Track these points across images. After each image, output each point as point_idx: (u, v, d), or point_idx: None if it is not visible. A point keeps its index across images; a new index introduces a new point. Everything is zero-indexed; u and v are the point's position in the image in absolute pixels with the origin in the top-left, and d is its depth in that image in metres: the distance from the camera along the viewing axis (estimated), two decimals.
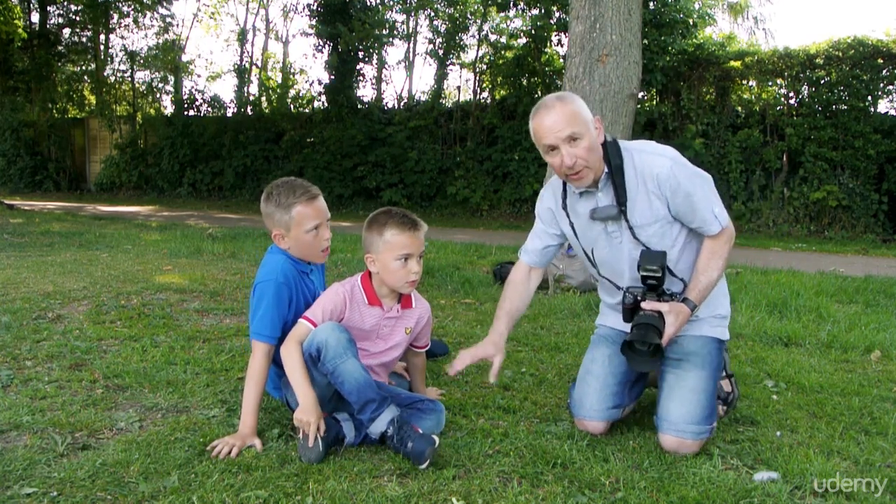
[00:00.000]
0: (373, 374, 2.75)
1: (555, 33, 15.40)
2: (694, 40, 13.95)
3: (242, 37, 21.92)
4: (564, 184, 2.68)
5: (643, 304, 2.47)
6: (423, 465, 2.32)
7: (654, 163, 2.55)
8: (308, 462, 2.36)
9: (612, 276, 2.75)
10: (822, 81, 12.62)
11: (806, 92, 12.98)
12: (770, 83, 13.37)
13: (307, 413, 2.42)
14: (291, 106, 19.74)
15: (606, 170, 2.57)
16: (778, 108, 13.14)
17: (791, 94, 13.26)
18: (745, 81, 13.66)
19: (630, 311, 2.53)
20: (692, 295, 2.54)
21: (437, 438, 2.41)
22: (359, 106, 17.93)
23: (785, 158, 12.88)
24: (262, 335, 2.64)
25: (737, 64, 13.27)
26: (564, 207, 2.71)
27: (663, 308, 2.45)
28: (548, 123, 2.50)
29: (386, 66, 18.80)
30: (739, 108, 13.59)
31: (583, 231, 2.71)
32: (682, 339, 2.67)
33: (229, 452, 2.40)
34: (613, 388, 2.70)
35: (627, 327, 2.55)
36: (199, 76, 24.17)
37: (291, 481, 2.22)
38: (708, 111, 13.56)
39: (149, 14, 22.59)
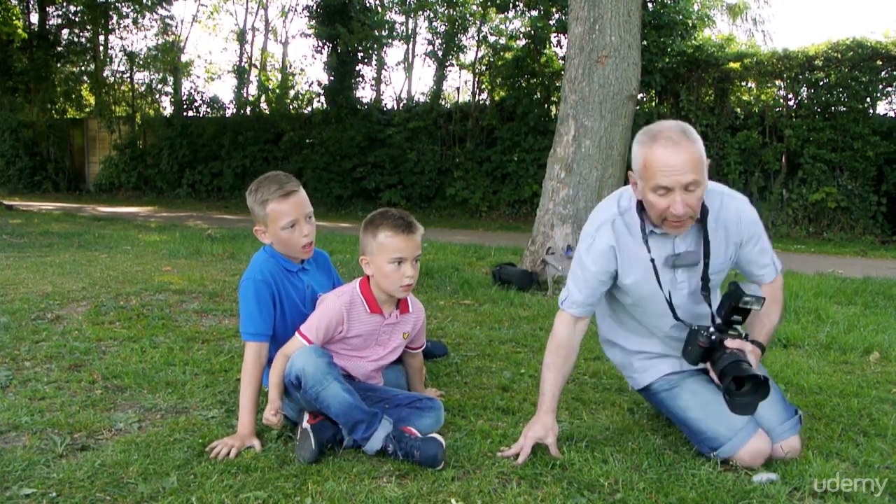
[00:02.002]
0: (367, 378, 2.75)
1: (554, 34, 15.41)
2: (693, 42, 13.97)
3: (242, 37, 21.93)
4: (643, 221, 2.42)
5: (728, 343, 2.33)
6: (440, 467, 2.33)
7: (736, 207, 2.46)
8: (302, 462, 2.36)
9: (648, 318, 2.59)
10: (821, 83, 12.63)
11: (805, 93, 13.00)
12: (769, 85, 13.39)
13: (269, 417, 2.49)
14: (291, 107, 19.73)
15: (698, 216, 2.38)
16: (777, 110, 13.15)
17: (790, 96, 13.27)
18: (744, 83, 13.67)
19: (706, 350, 2.38)
20: (762, 338, 2.49)
21: (440, 437, 2.41)
22: (358, 107, 17.93)
23: (784, 160, 12.89)
24: (246, 333, 2.65)
25: (736, 65, 13.28)
26: (646, 242, 2.42)
27: (747, 348, 2.35)
28: (671, 162, 2.19)
29: (385, 67, 18.82)
30: (738, 110, 13.60)
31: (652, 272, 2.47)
32: None
33: (228, 453, 2.40)
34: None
35: (681, 366, 2.56)
36: (198, 77, 24.16)
37: (290, 482, 2.22)
38: (707, 112, 13.58)
39: (148, 15, 22.59)
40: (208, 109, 20.98)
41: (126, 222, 11.95)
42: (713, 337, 2.38)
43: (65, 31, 23.03)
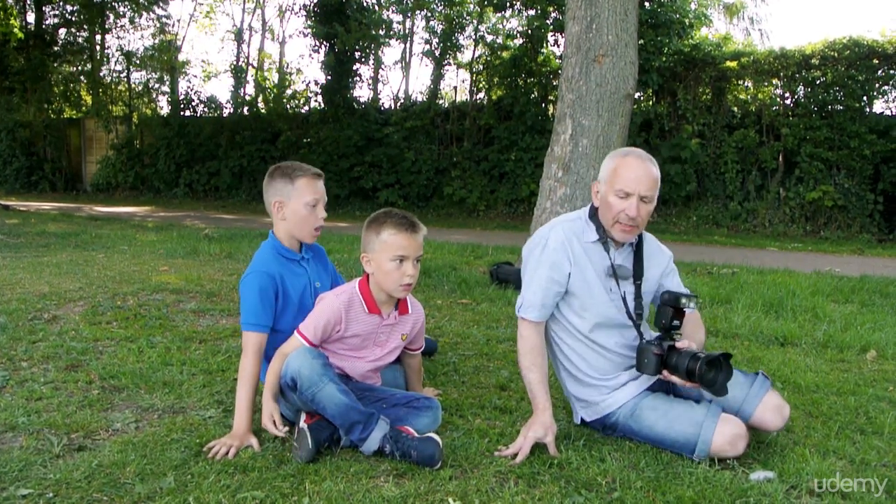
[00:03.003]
0: (364, 378, 2.75)
1: (551, 33, 15.43)
2: (690, 41, 13.99)
3: (239, 36, 21.90)
4: (599, 227, 2.68)
5: (678, 345, 2.55)
6: (438, 466, 2.34)
7: (657, 244, 2.85)
8: (299, 461, 2.36)
9: (603, 322, 2.68)
10: (818, 82, 12.66)
11: (802, 92, 13.03)
12: (766, 83, 13.41)
13: (264, 420, 2.52)
14: (288, 106, 19.72)
15: (635, 239, 2.72)
16: (774, 109, 13.17)
17: (787, 95, 13.30)
18: (741, 82, 13.69)
19: (659, 357, 2.55)
20: (699, 347, 2.69)
21: (437, 437, 2.41)
22: (355, 106, 17.93)
23: (781, 158, 12.91)
24: (248, 324, 2.68)
25: (733, 64, 13.30)
26: (606, 249, 2.67)
27: (693, 345, 2.58)
28: (638, 173, 2.57)
29: (382, 66, 18.83)
30: (735, 109, 13.63)
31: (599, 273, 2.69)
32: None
33: (226, 453, 2.40)
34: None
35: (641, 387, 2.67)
36: (195, 76, 24.14)
37: (288, 482, 2.22)
38: (704, 111, 13.60)
39: (145, 14, 22.57)
40: (205, 109, 20.97)
41: (123, 222, 11.93)
42: (663, 344, 2.56)
43: (61, 31, 23.01)
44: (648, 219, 2.64)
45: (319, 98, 18.78)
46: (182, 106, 21.02)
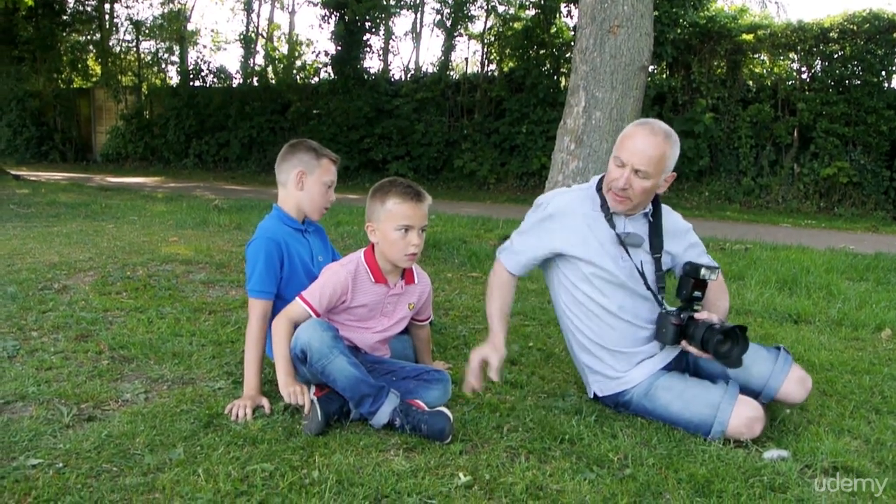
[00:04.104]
0: (373, 350, 2.73)
1: (564, 4, 15.20)
2: (706, 13, 13.76)
3: (248, 6, 21.71)
4: (604, 199, 2.65)
5: (697, 316, 2.51)
6: (448, 441, 2.32)
7: (675, 218, 2.78)
8: (309, 433, 2.35)
9: (612, 281, 2.62)
10: (836, 56, 12.45)
11: (819, 66, 12.82)
12: (782, 57, 13.21)
13: (289, 386, 2.46)
14: (297, 77, 19.60)
15: (649, 209, 2.67)
16: (790, 83, 12.98)
17: (804, 69, 13.10)
18: (756, 55, 13.49)
19: (678, 328, 2.53)
20: (719, 317, 2.61)
21: (447, 411, 2.40)
22: (365, 77, 17.80)
23: (796, 134, 12.75)
24: (253, 291, 2.71)
25: (749, 37, 13.09)
26: (609, 219, 2.62)
27: (713, 318, 2.53)
28: (639, 145, 2.50)
29: (393, 36, 18.67)
30: (751, 83, 13.44)
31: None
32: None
33: (245, 415, 2.45)
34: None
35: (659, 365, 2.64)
36: (204, 46, 23.99)
37: (297, 454, 2.21)
38: (719, 85, 13.41)
39: None
40: (215, 79, 20.88)
41: (133, 192, 11.93)
42: (682, 315, 2.54)
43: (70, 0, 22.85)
44: (650, 195, 2.58)
45: (329, 69, 18.65)
46: (191, 76, 20.93)
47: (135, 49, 22.80)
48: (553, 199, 2.73)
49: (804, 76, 13.07)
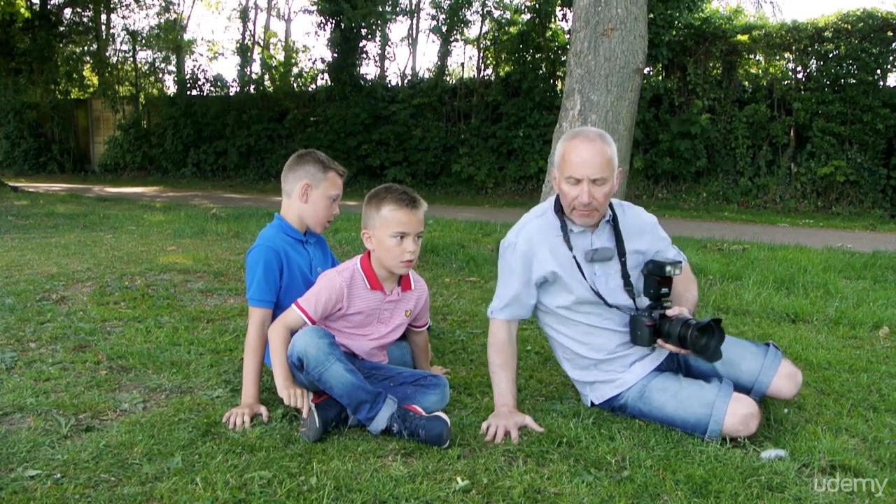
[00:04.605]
0: (370, 357, 2.74)
1: (559, 8, 15.22)
2: (700, 14, 13.78)
3: (244, 14, 21.73)
4: (563, 222, 2.62)
5: (669, 313, 2.52)
6: (446, 446, 2.32)
7: (636, 212, 2.77)
8: (307, 441, 2.35)
9: (621, 303, 2.64)
10: (831, 55, 12.47)
11: (814, 66, 12.84)
12: (777, 57, 13.23)
13: (286, 388, 2.46)
14: (294, 84, 19.61)
15: (609, 215, 2.64)
16: (785, 83, 12.99)
17: (799, 68, 13.12)
18: (752, 56, 13.50)
19: (651, 328, 2.54)
20: (689, 308, 2.66)
21: (445, 416, 2.40)
22: (362, 84, 17.81)
23: (792, 133, 12.76)
24: (252, 299, 2.72)
25: (744, 38, 13.11)
26: (567, 241, 2.60)
27: (685, 311, 2.55)
28: (584, 156, 2.47)
29: (389, 42, 18.65)
30: (746, 83, 13.45)
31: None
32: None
33: (243, 423, 2.45)
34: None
35: (645, 371, 2.64)
36: (201, 55, 24.02)
37: (295, 461, 2.21)
38: (714, 86, 13.43)
39: None
40: (212, 88, 20.89)
41: (131, 202, 11.94)
42: (654, 314, 2.54)
43: (67, 11, 22.85)
44: (610, 198, 2.57)
45: (326, 76, 18.66)
46: (188, 85, 20.94)
47: (132, 59, 22.82)
48: (518, 237, 2.67)
49: (799, 76, 13.08)
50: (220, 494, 1.99)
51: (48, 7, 22.32)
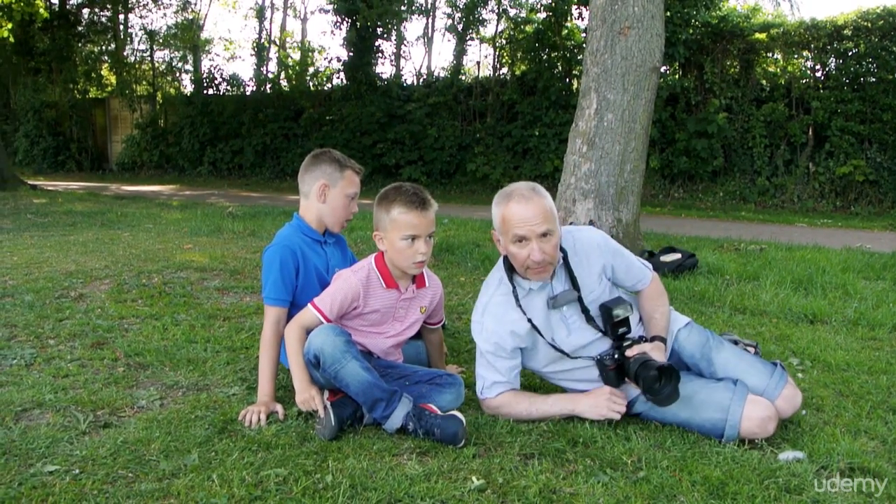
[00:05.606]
0: (386, 355, 2.74)
1: (575, 6, 15.17)
2: (718, 12, 13.67)
3: (261, 14, 21.84)
4: (514, 287, 2.57)
5: (628, 353, 2.49)
6: (461, 445, 2.32)
7: (587, 236, 2.69)
8: (323, 439, 2.36)
9: (587, 354, 2.62)
10: (850, 53, 12.32)
11: (833, 64, 12.69)
12: (796, 56, 13.10)
13: (304, 392, 2.48)
14: (310, 84, 19.68)
15: (560, 258, 2.58)
16: (804, 81, 12.87)
17: (818, 67, 12.98)
18: (770, 54, 13.38)
19: (617, 370, 2.51)
20: (658, 331, 2.65)
21: (460, 415, 2.40)
22: (378, 83, 17.84)
23: (811, 132, 12.64)
24: (269, 298, 2.73)
25: (762, 36, 13.00)
26: (520, 306, 2.55)
27: (647, 348, 2.51)
28: (525, 215, 2.43)
29: (405, 42, 18.69)
30: (764, 82, 13.33)
31: (542, 325, 2.58)
32: (677, 349, 2.73)
33: (259, 420, 2.47)
34: None
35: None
36: (217, 55, 24.15)
37: (311, 459, 2.22)
38: (732, 85, 13.32)
39: None
40: (228, 87, 20.99)
41: (148, 201, 12.03)
42: (615, 356, 2.52)
43: (85, 11, 23.08)
44: (558, 245, 2.51)
45: (342, 75, 18.71)
46: (205, 84, 21.06)
47: (149, 58, 23.02)
48: (483, 325, 2.61)
49: (818, 74, 12.95)
50: (237, 491, 2.00)
51: (67, 7, 22.52)
